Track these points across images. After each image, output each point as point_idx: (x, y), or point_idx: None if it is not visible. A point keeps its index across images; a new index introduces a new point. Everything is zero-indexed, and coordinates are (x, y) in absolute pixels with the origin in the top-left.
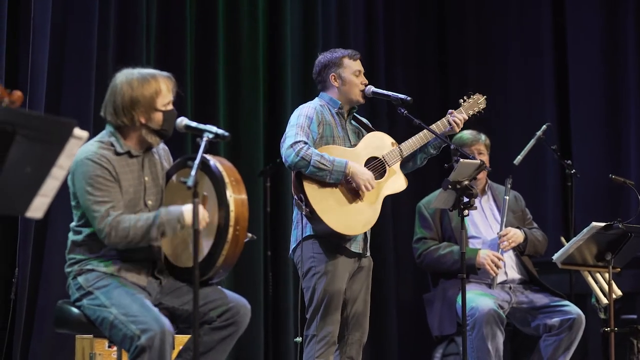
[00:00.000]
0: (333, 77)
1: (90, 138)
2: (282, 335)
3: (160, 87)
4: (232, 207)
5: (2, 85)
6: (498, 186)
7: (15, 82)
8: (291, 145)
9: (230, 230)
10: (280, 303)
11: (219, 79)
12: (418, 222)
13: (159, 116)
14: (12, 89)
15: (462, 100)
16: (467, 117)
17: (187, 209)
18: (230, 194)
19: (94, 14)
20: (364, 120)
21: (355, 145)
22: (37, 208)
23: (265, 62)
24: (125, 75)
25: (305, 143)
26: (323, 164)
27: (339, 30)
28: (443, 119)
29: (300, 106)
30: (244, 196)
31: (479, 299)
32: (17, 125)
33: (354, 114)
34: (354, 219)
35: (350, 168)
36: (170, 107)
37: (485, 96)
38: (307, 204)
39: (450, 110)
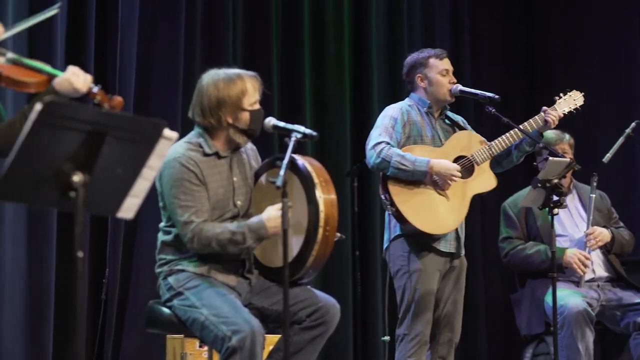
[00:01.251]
0: (419, 78)
1: (178, 139)
2: (370, 335)
3: (246, 87)
4: (321, 207)
5: (102, 90)
6: (583, 185)
7: (104, 81)
8: (373, 146)
9: (320, 230)
10: (368, 302)
11: (305, 78)
12: (503, 222)
13: (245, 116)
14: (112, 94)
15: (557, 98)
16: (562, 115)
17: (268, 221)
18: (319, 195)
19: (181, 14)
20: (459, 118)
21: (443, 144)
22: (128, 209)
23: (351, 61)
24: (211, 76)
25: (388, 144)
26: (404, 164)
27: (424, 29)
28: (536, 116)
29: (387, 107)
30: (333, 196)
31: (568, 298)
32: (107, 127)
33: (447, 113)
34: (439, 218)
35: (433, 165)
36: (257, 106)
37: (582, 93)
38: (392, 203)
39: (544, 108)
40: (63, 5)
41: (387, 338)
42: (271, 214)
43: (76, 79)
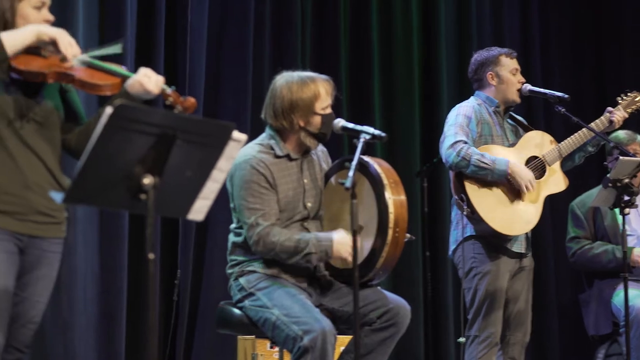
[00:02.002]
0: (490, 76)
1: (247, 141)
2: (442, 336)
3: (319, 91)
4: (391, 208)
5: (176, 91)
6: None
7: (174, 85)
8: (451, 145)
9: (390, 232)
10: (439, 303)
11: (374, 78)
12: (571, 222)
13: (317, 120)
14: (185, 96)
15: (619, 99)
16: (627, 115)
17: (337, 243)
18: (389, 196)
19: (250, 16)
20: (521, 118)
21: (514, 144)
22: (199, 210)
23: (420, 61)
24: (285, 79)
25: (465, 142)
26: (484, 163)
27: (493, 28)
28: (602, 117)
29: (458, 105)
30: (403, 198)
31: (636, 299)
32: (177, 130)
33: (510, 112)
34: (515, 219)
35: (512, 167)
36: (328, 110)
37: None
38: (469, 204)
39: (609, 109)
40: (132, 9)
41: (462, 339)
42: (343, 240)
43: (147, 80)
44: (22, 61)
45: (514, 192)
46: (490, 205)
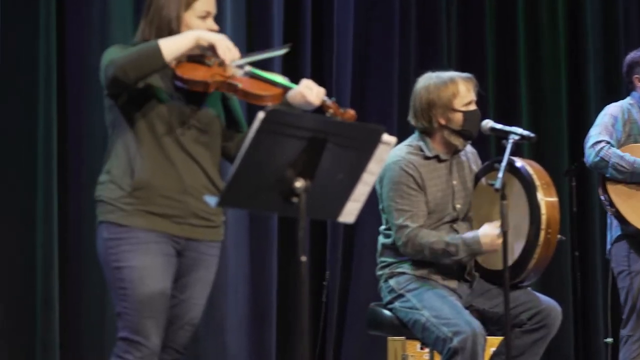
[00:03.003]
0: (637, 79)
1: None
2: (592, 336)
3: (458, 89)
4: (543, 210)
5: (336, 103)
6: None
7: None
8: (592, 145)
9: (542, 233)
10: (589, 303)
11: (520, 78)
12: None
13: (458, 117)
14: (345, 107)
15: None
16: None
17: (483, 237)
18: (541, 197)
19: (395, 16)
20: None
21: None
22: (349, 213)
23: (567, 59)
24: (424, 80)
25: (608, 143)
26: (622, 166)
27: None
28: None
29: (608, 105)
30: (554, 199)
31: None
32: (328, 133)
33: None
34: None
35: None
36: (472, 107)
37: None
38: (612, 204)
39: None
40: (279, 10)
41: (610, 340)
42: (487, 231)
43: (309, 92)
44: (186, 70)
45: None
46: (634, 205)
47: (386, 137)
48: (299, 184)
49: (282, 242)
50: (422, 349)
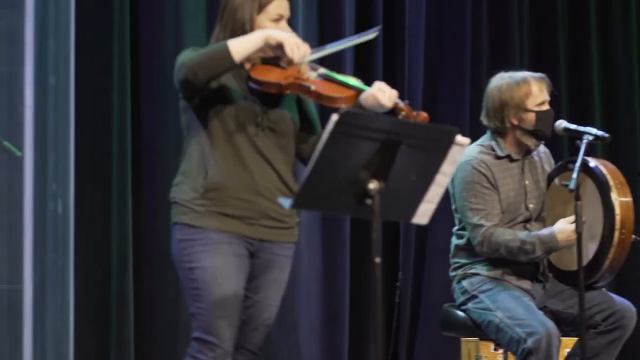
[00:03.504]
0: None
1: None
2: None
3: (531, 89)
4: (617, 210)
5: (409, 105)
6: None
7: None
8: None
9: (616, 234)
10: None
11: (593, 78)
12: None
13: (531, 117)
14: (418, 110)
15: None
16: None
17: (559, 233)
18: (615, 197)
19: (467, 17)
20: None
21: None
22: (423, 214)
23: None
24: (496, 80)
25: None
26: None
27: None
28: None
29: None
30: (629, 199)
31: None
32: (401, 135)
33: None
34: None
35: None
36: (545, 107)
37: None
38: None
39: None
40: (351, 15)
41: None
42: (563, 227)
43: (382, 94)
44: (260, 72)
45: None
46: None
47: (460, 138)
48: (373, 185)
49: (355, 243)
50: (496, 350)
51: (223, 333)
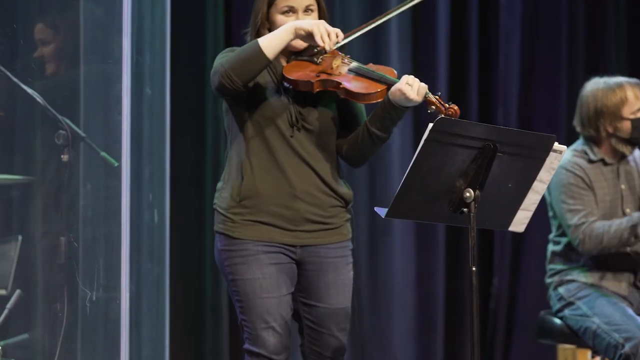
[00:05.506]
0: None
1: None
2: None
3: (627, 96)
4: None
5: (439, 98)
6: None
7: (487, 91)
8: None
9: None
10: None
11: None
12: None
13: (627, 125)
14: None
15: None
16: None
17: None
18: None
19: (562, 19)
20: None
21: None
22: (519, 222)
23: None
24: (590, 86)
25: None
26: None
27: None
28: None
29: None
30: None
31: None
32: (498, 142)
33: None
34: None
35: None
36: None
37: None
38: None
39: None
40: (445, 18)
41: None
42: None
43: (409, 89)
44: (291, 69)
45: None
46: None
47: (557, 145)
48: (469, 194)
49: (449, 249)
50: (593, 357)
51: (269, 343)
